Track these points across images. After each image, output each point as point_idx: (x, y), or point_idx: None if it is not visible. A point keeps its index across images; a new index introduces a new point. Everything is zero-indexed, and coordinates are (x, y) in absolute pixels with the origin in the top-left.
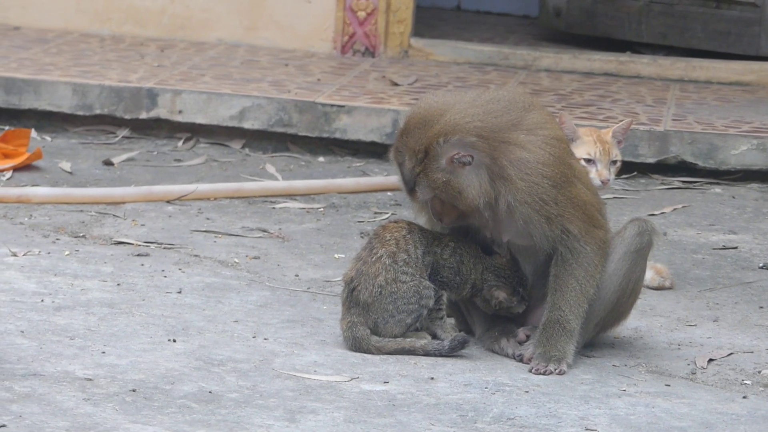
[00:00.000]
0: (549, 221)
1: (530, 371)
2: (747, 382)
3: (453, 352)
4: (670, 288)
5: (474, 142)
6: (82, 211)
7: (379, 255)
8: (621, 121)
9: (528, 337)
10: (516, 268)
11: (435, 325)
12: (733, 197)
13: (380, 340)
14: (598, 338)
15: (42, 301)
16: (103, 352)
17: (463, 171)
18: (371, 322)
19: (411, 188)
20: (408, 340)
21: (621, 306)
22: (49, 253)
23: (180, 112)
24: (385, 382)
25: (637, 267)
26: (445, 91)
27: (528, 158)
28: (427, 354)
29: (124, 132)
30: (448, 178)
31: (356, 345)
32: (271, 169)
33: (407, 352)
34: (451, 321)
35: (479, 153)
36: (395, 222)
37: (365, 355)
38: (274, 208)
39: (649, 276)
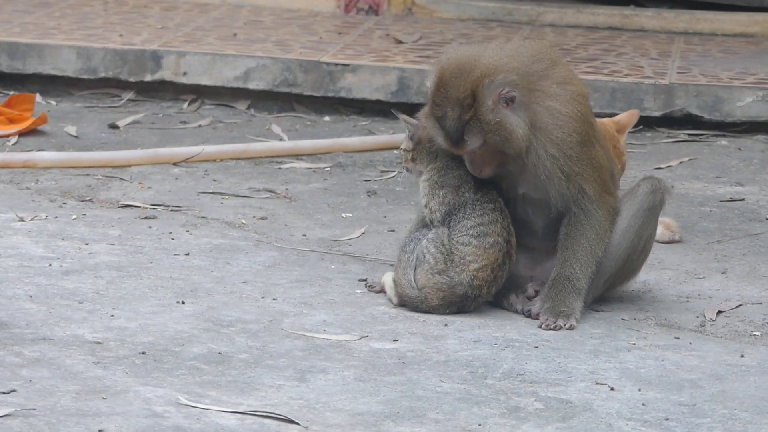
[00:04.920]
0: (569, 179)
1: (540, 327)
2: (756, 333)
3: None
4: (679, 241)
5: (516, 80)
6: (88, 174)
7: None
8: (627, 75)
9: (537, 292)
10: None
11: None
12: (740, 149)
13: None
14: (607, 294)
15: (50, 265)
16: (112, 316)
17: (509, 111)
18: None
19: (459, 138)
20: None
21: (632, 263)
22: (56, 217)
23: (184, 73)
24: (394, 340)
25: (649, 225)
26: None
27: (561, 110)
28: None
29: (129, 95)
30: (500, 119)
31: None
32: (276, 129)
33: None
34: None
35: (520, 92)
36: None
37: (374, 313)
38: (280, 168)
39: (659, 231)
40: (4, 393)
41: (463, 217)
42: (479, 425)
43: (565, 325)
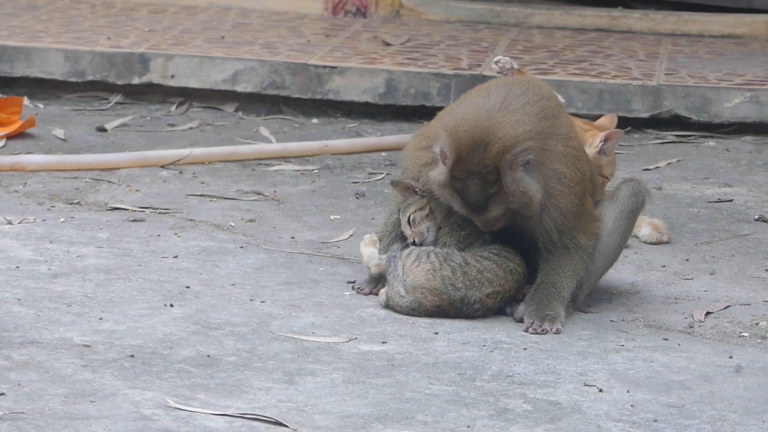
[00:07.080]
0: (561, 233)
1: (526, 330)
2: (744, 334)
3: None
4: (667, 243)
5: (531, 146)
6: (76, 177)
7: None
8: (614, 76)
9: (524, 296)
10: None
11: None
12: (727, 150)
13: None
14: (593, 293)
15: (38, 268)
16: (101, 318)
17: (526, 175)
18: None
19: (482, 208)
20: None
21: (612, 261)
22: (44, 220)
23: (172, 76)
24: (383, 342)
25: (631, 226)
26: (465, 102)
27: (566, 173)
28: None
29: (117, 98)
30: (523, 188)
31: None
32: (264, 131)
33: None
34: None
35: (534, 153)
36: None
37: (362, 315)
38: (268, 170)
39: (647, 232)
40: None
41: (481, 245)
42: (468, 427)
43: (551, 329)
